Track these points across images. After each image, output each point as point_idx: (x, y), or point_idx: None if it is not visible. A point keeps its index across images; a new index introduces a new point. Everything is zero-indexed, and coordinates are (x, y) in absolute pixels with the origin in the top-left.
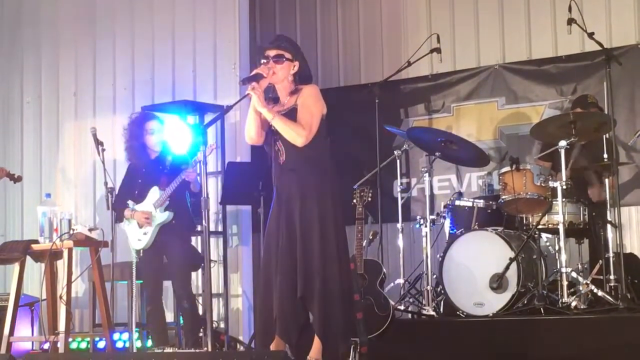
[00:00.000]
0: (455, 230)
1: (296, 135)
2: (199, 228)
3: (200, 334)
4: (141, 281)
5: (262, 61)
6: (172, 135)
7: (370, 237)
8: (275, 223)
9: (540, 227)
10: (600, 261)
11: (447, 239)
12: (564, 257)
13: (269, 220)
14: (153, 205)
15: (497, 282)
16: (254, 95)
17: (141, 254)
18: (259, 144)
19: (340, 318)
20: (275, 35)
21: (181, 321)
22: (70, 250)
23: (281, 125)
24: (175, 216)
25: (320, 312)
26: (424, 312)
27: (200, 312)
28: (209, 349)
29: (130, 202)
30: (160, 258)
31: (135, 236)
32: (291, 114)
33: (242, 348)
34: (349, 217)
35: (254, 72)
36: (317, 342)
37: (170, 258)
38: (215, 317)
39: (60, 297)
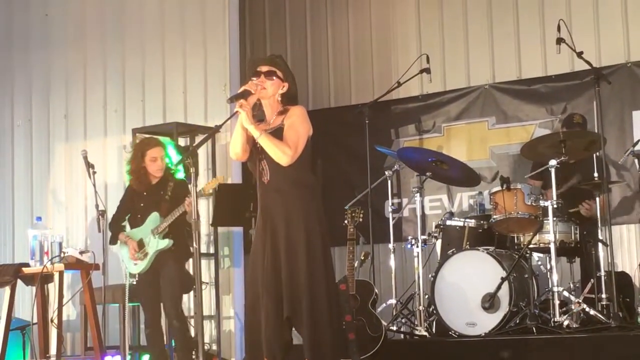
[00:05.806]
0: None
1: (282, 154)
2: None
3: (193, 356)
4: (135, 303)
5: (252, 79)
6: (175, 160)
7: (362, 258)
8: (260, 242)
9: (531, 246)
10: (592, 280)
11: (438, 258)
12: (555, 276)
13: (254, 239)
14: (151, 232)
15: (489, 302)
16: (242, 112)
17: (137, 277)
18: (243, 160)
19: (329, 340)
20: (269, 55)
21: (172, 343)
22: (61, 274)
23: (267, 143)
24: (173, 243)
25: (310, 335)
26: (417, 332)
27: (192, 334)
28: None
29: (127, 225)
30: (158, 280)
31: (132, 260)
32: (277, 133)
33: None
34: (340, 238)
35: (241, 89)
36: None
37: (163, 279)
38: (207, 339)
39: (52, 321)
